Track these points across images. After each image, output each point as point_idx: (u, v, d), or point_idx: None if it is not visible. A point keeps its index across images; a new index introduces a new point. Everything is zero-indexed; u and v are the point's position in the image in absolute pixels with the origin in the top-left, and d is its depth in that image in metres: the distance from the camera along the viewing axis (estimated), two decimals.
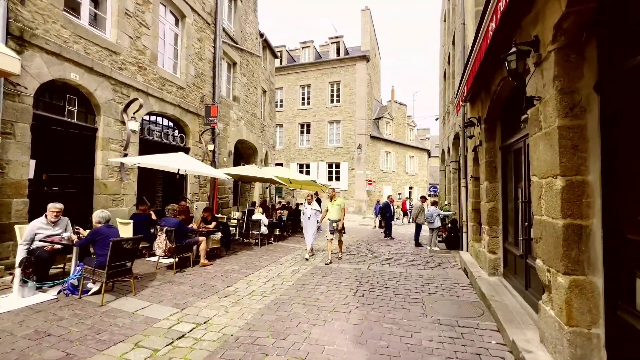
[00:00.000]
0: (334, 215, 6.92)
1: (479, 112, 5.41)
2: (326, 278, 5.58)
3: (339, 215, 6.90)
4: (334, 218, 6.91)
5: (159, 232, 5.47)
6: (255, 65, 14.27)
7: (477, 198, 6.26)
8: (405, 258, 7.71)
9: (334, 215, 6.91)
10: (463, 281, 5.49)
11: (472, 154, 6.24)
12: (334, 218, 6.91)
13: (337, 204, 6.96)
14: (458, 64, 8.67)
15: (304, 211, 7.47)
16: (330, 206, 7.02)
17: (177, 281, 5.07)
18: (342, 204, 7.08)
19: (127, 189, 7.18)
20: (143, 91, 7.51)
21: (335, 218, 6.91)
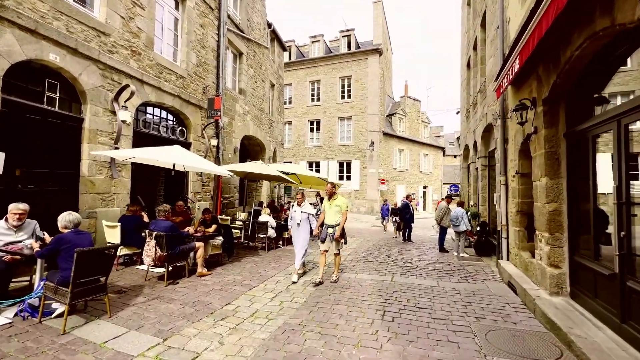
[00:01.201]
0: (332, 218, 5.26)
1: (533, 92, 4.40)
2: (344, 293, 4.67)
3: (338, 219, 5.22)
4: (331, 222, 5.24)
5: (148, 238, 4.66)
6: (262, 57, 13.46)
7: (525, 198, 5.24)
8: (432, 266, 6.72)
9: (331, 219, 5.25)
10: (512, 300, 4.49)
11: (518, 145, 5.22)
12: (331, 222, 5.24)
13: (337, 205, 5.23)
14: (490, 45, 7.63)
15: (292, 215, 5.65)
16: (327, 207, 5.32)
17: (167, 296, 4.23)
18: (344, 205, 5.28)
19: (119, 188, 6.41)
20: (137, 78, 6.73)
21: (332, 222, 5.22)
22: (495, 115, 6.95)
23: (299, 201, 5.65)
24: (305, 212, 5.56)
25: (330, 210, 5.29)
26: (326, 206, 5.38)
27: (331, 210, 5.27)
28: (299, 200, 5.66)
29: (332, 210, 5.27)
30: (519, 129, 5.16)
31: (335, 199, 5.30)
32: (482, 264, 6.97)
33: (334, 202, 5.28)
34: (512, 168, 5.72)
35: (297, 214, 5.55)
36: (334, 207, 5.25)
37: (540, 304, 3.69)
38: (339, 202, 5.28)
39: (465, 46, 12.44)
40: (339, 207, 5.25)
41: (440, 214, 8.91)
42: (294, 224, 5.58)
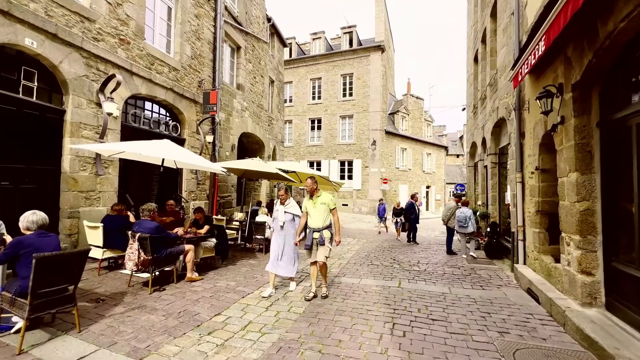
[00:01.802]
0: (318, 220, 4.29)
1: (559, 78, 3.94)
2: (348, 302, 4.21)
3: (325, 221, 4.30)
4: (318, 225, 4.28)
5: (131, 240, 4.21)
6: (261, 52, 13.02)
7: (547, 197, 4.77)
8: (441, 270, 6.26)
9: (318, 220, 4.29)
10: (535, 310, 4.02)
11: (539, 138, 4.75)
12: (318, 225, 4.28)
13: (323, 203, 4.30)
14: (503, 34, 7.17)
15: (274, 216, 4.63)
16: (311, 207, 4.36)
17: (150, 306, 3.79)
18: (332, 202, 4.35)
19: (105, 186, 5.98)
20: (126, 69, 6.30)
21: (319, 225, 4.28)
22: (509, 108, 6.49)
23: (282, 199, 4.53)
24: (290, 213, 4.50)
25: (314, 211, 4.32)
26: (308, 206, 4.38)
27: (316, 210, 4.31)
28: (282, 197, 4.52)
29: (317, 210, 4.31)
30: (540, 121, 4.70)
31: (319, 195, 4.34)
32: (494, 268, 6.50)
33: (318, 200, 4.31)
34: (530, 164, 5.26)
35: (280, 214, 4.48)
36: (319, 205, 4.31)
37: (572, 317, 3.23)
38: (324, 199, 4.31)
39: (472, 40, 11.97)
40: (326, 205, 4.31)
41: (447, 213, 8.45)
42: (277, 227, 4.53)
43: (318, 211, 4.33)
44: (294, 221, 4.58)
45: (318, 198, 4.36)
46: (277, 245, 4.52)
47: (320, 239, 4.25)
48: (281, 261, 4.48)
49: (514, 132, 6.08)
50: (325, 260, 4.29)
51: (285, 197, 4.55)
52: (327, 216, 4.34)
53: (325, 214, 4.33)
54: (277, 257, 4.47)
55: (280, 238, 4.53)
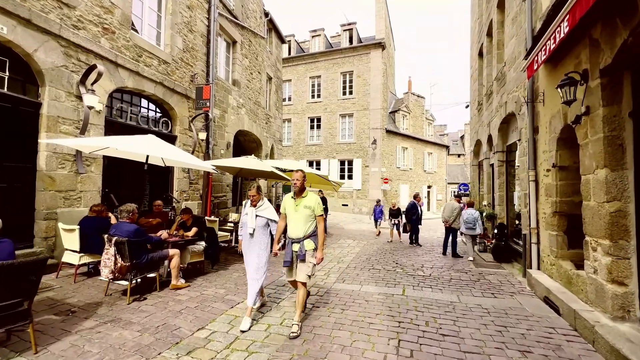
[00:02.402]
0: (299, 227, 3.36)
1: (583, 63, 3.53)
2: (347, 313, 3.80)
3: (307, 229, 3.35)
4: (298, 233, 3.35)
5: (107, 244, 3.80)
6: (259, 47, 12.62)
7: (565, 196, 4.36)
8: (447, 275, 5.85)
9: (298, 228, 3.36)
10: (556, 322, 3.61)
11: (556, 132, 4.34)
12: (298, 233, 3.35)
13: (308, 207, 3.35)
14: (512, 25, 6.76)
15: (243, 221, 3.72)
16: (292, 209, 3.42)
17: (126, 318, 3.38)
18: (319, 206, 3.41)
19: (87, 185, 5.57)
20: (110, 60, 5.89)
21: (299, 234, 3.34)
22: (519, 101, 6.09)
23: (254, 199, 3.60)
24: (264, 217, 3.60)
25: (295, 215, 3.36)
26: (289, 207, 3.43)
27: (298, 214, 3.34)
28: (254, 197, 3.59)
29: (299, 215, 3.34)
30: (558, 113, 4.29)
31: (304, 196, 3.39)
32: (503, 272, 6.09)
33: (301, 202, 3.35)
34: (545, 161, 4.84)
35: (249, 218, 3.58)
36: (302, 209, 3.33)
37: (604, 334, 2.82)
38: (309, 202, 3.36)
39: (476, 34, 11.57)
40: (311, 210, 3.34)
41: (453, 214, 8.04)
42: (245, 234, 3.64)
43: (300, 216, 3.34)
44: (267, 228, 3.64)
45: (302, 199, 3.38)
46: (248, 260, 3.64)
47: (300, 253, 3.28)
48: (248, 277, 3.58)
49: (526, 127, 5.68)
50: (307, 281, 3.32)
51: (257, 198, 3.63)
52: (310, 224, 3.35)
53: (308, 221, 3.35)
54: (249, 275, 3.62)
55: (251, 249, 3.61)
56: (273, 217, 3.66)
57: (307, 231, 3.36)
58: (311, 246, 3.34)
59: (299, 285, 3.37)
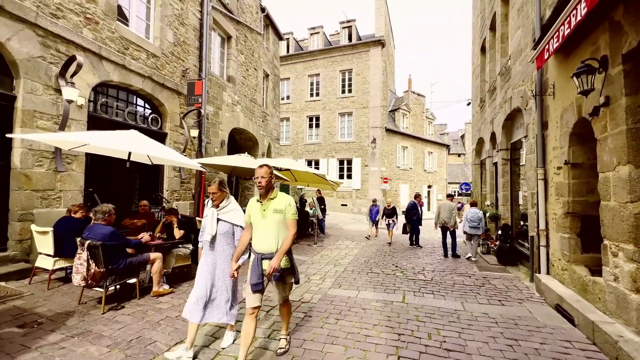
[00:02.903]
0: (268, 238, 2.60)
1: (602, 49, 3.22)
2: (342, 324, 3.48)
3: (280, 239, 2.60)
4: (268, 247, 2.59)
5: (79, 249, 3.48)
6: (255, 43, 12.29)
7: (579, 196, 4.04)
8: (450, 279, 5.53)
9: (268, 240, 2.60)
10: (572, 333, 3.29)
11: (569, 127, 4.02)
12: (268, 247, 2.59)
13: (278, 210, 2.61)
14: (517, 16, 6.44)
15: (204, 225, 2.91)
16: (258, 214, 2.64)
17: (96, 331, 3.05)
18: (291, 209, 2.64)
19: (68, 184, 5.24)
20: (93, 52, 5.57)
21: (270, 247, 2.58)
22: (526, 96, 5.76)
23: (215, 197, 2.84)
24: (227, 222, 2.84)
25: (264, 223, 2.59)
26: (254, 214, 2.65)
27: (267, 221, 2.58)
28: (214, 195, 2.83)
29: (268, 222, 2.58)
30: (571, 106, 3.96)
31: (273, 198, 2.64)
32: (509, 276, 5.77)
33: (270, 206, 2.60)
34: (555, 158, 4.52)
35: (209, 222, 2.83)
36: (271, 214, 2.58)
37: (630, 352, 2.50)
38: (280, 204, 2.60)
39: (478, 30, 11.25)
40: (281, 214, 2.59)
41: (453, 215, 7.78)
42: (205, 243, 2.86)
43: (269, 223, 2.57)
44: (232, 235, 2.88)
45: (271, 202, 2.61)
46: (205, 273, 2.82)
47: (274, 274, 2.51)
48: (211, 299, 2.82)
49: (533, 123, 5.36)
50: (285, 301, 2.78)
51: (220, 196, 2.84)
52: (283, 232, 2.61)
53: (280, 229, 2.59)
54: (204, 294, 2.76)
55: (210, 262, 2.84)
56: (239, 221, 2.86)
57: (279, 242, 2.58)
58: (286, 263, 2.62)
59: (279, 306, 2.85)
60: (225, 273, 2.85)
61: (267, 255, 2.57)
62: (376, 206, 10.70)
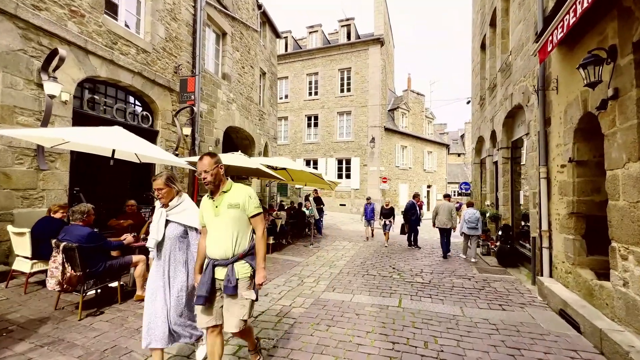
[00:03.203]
0: (221, 241, 2.11)
1: (610, 38, 3.02)
2: (333, 331, 3.27)
3: (238, 242, 2.13)
4: (219, 252, 2.10)
5: (54, 251, 3.28)
6: (251, 40, 12.09)
7: (584, 195, 3.84)
8: (449, 282, 5.33)
9: (220, 243, 2.11)
10: (577, 341, 3.09)
11: (574, 123, 3.82)
12: (219, 252, 2.10)
13: (233, 205, 2.12)
14: (519, 9, 6.24)
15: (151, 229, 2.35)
16: (209, 213, 2.16)
17: (69, 340, 2.85)
18: (250, 202, 2.16)
19: (51, 182, 5.04)
20: (79, 46, 5.37)
21: (223, 252, 2.10)
22: (528, 91, 5.57)
23: (162, 195, 2.32)
24: (179, 224, 2.36)
25: (217, 222, 2.13)
26: (206, 213, 2.18)
27: (220, 220, 2.12)
28: (161, 192, 2.31)
29: (222, 221, 2.12)
30: (575, 100, 3.76)
31: (227, 191, 2.16)
32: (510, 279, 5.57)
33: (223, 201, 2.13)
34: (558, 156, 4.32)
35: (155, 225, 2.32)
36: (225, 211, 2.11)
37: None
38: (236, 198, 2.14)
39: (478, 26, 11.05)
40: (237, 209, 2.12)
41: (452, 215, 7.61)
42: (154, 253, 2.37)
43: (223, 222, 2.10)
44: (185, 239, 2.39)
45: (224, 196, 2.14)
46: (153, 289, 2.32)
47: (227, 283, 2.05)
48: (171, 318, 2.31)
49: (535, 120, 5.16)
50: (242, 327, 2.10)
51: (168, 193, 2.32)
52: (243, 233, 2.14)
53: (238, 228, 2.12)
54: (156, 313, 2.27)
55: (160, 274, 2.32)
56: (194, 223, 2.35)
57: (238, 246, 2.10)
58: (246, 272, 2.10)
59: (237, 331, 2.10)
60: (176, 286, 2.33)
61: (221, 261, 2.09)
62: (371, 204, 10.24)
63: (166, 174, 2.38)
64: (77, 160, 5.56)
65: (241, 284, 2.10)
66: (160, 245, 2.34)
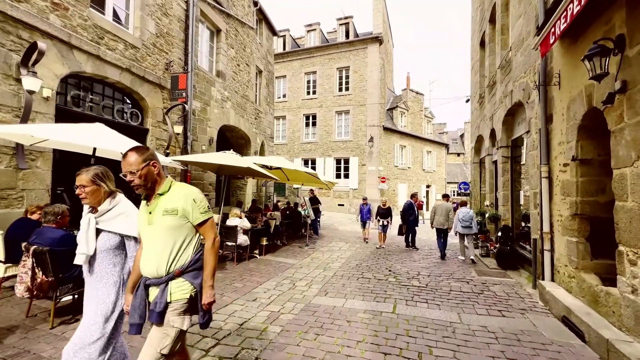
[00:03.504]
0: (158, 253, 1.70)
1: (618, 28, 2.82)
2: (321, 340, 3.07)
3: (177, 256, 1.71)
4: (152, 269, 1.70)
5: (24, 256, 3.08)
6: (247, 38, 11.88)
7: (588, 195, 3.64)
8: (446, 285, 5.13)
9: (158, 256, 1.69)
10: (582, 352, 2.89)
11: (577, 119, 3.62)
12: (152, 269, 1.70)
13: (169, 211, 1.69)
14: (519, 4, 6.04)
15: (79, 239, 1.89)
16: (144, 224, 1.75)
17: (35, 351, 2.65)
18: (193, 207, 1.72)
19: (32, 182, 4.84)
20: (61, 40, 5.16)
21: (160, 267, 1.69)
22: (528, 88, 5.37)
23: (86, 196, 1.88)
24: (112, 232, 1.92)
25: (151, 232, 1.72)
26: (141, 216, 1.79)
27: (154, 229, 1.71)
28: (86, 192, 1.87)
29: (156, 231, 1.70)
30: (579, 95, 3.57)
31: (163, 193, 1.74)
32: (510, 282, 5.37)
33: (158, 205, 1.72)
34: (561, 154, 4.12)
35: (83, 235, 1.88)
36: (159, 219, 1.69)
37: None
38: (172, 202, 1.71)
39: (477, 23, 10.85)
40: (175, 216, 1.70)
41: (450, 216, 7.47)
42: (84, 268, 1.96)
43: (155, 231, 1.71)
44: (121, 252, 1.95)
45: (160, 199, 1.73)
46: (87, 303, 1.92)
47: (154, 307, 1.68)
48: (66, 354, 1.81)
49: (536, 117, 4.96)
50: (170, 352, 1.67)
51: (96, 194, 1.89)
52: (182, 244, 1.73)
53: (175, 239, 1.71)
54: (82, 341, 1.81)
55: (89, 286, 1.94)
56: (132, 231, 1.90)
57: (175, 261, 1.70)
58: (184, 293, 1.69)
59: None
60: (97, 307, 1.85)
61: (153, 280, 1.69)
62: (367, 205, 9.93)
63: (95, 169, 1.91)
64: (60, 159, 5.35)
65: (173, 308, 1.67)
66: (92, 260, 1.89)
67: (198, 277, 1.75)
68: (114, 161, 4.96)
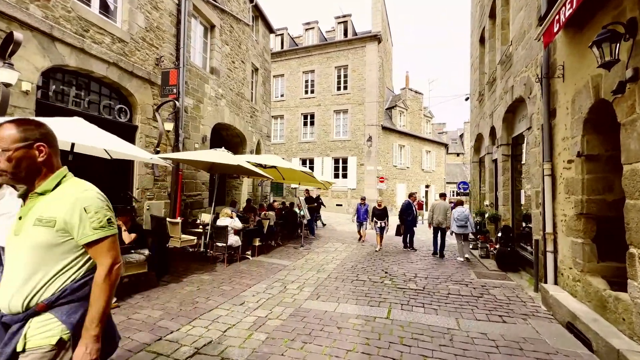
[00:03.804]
0: (12, 278, 1.15)
1: (629, 11, 2.60)
2: (308, 349, 2.85)
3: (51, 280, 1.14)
4: (13, 301, 1.12)
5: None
6: (242, 34, 11.66)
7: (595, 194, 3.43)
8: (444, 288, 4.91)
9: (10, 282, 1.14)
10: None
11: (583, 113, 3.40)
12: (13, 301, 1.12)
13: (45, 219, 1.14)
14: None
15: None
16: (11, 231, 1.21)
17: None
18: (79, 216, 1.16)
19: None
20: (43, 32, 4.94)
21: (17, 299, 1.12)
22: (530, 82, 5.15)
23: None
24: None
25: (13, 244, 1.19)
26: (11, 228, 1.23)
27: (19, 242, 1.17)
28: None
29: (19, 244, 1.17)
30: (585, 87, 3.35)
31: (44, 192, 1.19)
32: (511, 285, 5.15)
33: (32, 209, 1.18)
34: (565, 150, 3.91)
35: None
36: (29, 226, 1.15)
37: None
38: (54, 209, 1.16)
39: (477, 19, 10.65)
40: (52, 228, 1.14)
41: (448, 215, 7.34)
42: None
43: (23, 245, 1.16)
44: None
45: (37, 200, 1.19)
46: None
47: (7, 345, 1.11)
48: None
49: (538, 112, 4.74)
50: None
51: None
52: (54, 268, 1.16)
53: (42, 260, 1.15)
54: None
55: None
56: None
57: (41, 290, 1.15)
58: (46, 338, 1.11)
59: None
60: None
61: (7, 316, 1.15)
62: (365, 205, 9.62)
63: None
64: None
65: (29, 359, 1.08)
66: None
67: (75, 313, 1.14)
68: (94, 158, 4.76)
